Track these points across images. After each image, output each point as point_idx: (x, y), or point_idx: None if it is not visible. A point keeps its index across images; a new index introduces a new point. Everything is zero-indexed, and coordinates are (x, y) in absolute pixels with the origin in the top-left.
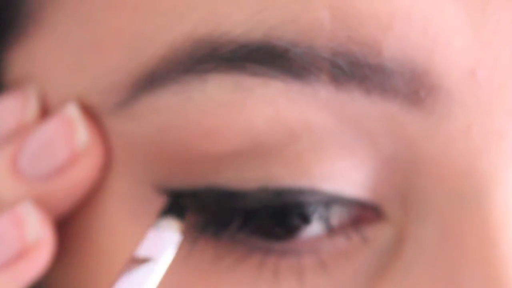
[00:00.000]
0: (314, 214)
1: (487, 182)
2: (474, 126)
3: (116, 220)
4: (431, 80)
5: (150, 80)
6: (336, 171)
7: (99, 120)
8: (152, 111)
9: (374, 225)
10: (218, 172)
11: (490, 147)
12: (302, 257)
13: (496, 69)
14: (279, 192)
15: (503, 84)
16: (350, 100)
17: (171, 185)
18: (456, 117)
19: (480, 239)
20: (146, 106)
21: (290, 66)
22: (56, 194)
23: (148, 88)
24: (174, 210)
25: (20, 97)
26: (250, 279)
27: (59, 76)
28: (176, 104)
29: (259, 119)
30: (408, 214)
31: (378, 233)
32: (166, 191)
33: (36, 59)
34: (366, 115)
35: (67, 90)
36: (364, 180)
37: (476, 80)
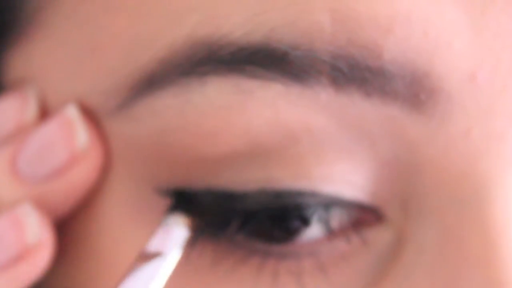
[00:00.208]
0: (314, 216)
1: (488, 184)
2: (474, 129)
3: (115, 222)
4: (432, 83)
5: (149, 82)
6: (336, 174)
7: (98, 122)
8: (152, 113)
9: (374, 227)
10: (217, 174)
11: (490, 149)
12: (301, 260)
13: (496, 72)
14: (279, 194)
15: (504, 87)
16: (350, 103)
17: (170, 186)
18: (457, 119)
19: (480, 241)
20: (146, 108)
21: (290, 69)
22: (56, 196)
23: (148, 90)
24: (180, 206)
25: (19, 98)
26: (249, 282)
27: (58, 77)
28: (175, 106)
29: (259, 122)
30: (408, 217)
31: (378, 235)
32: (165, 192)
33: (36, 60)
34: (366, 117)
35: (66, 92)
36: (364, 182)
37: (477, 83)
